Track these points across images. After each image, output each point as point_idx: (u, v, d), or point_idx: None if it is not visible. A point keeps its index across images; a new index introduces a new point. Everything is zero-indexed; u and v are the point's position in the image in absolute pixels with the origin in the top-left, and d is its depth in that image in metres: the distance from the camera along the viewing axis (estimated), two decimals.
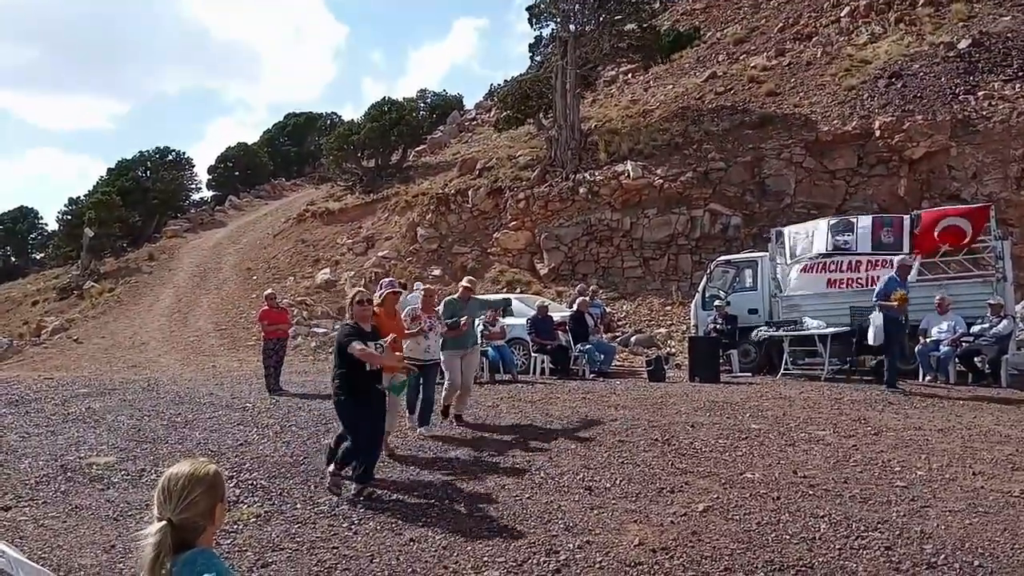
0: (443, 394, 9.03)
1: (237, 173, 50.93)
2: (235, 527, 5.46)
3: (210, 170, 52.43)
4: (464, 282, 9.76)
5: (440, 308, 9.12)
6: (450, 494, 6.12)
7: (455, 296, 9.45)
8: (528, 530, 5.24)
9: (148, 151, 48.95)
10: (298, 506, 5.92)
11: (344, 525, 5.46)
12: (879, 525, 5.03)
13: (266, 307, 12.92)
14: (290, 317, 14.78)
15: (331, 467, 6.31)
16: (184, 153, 49.74)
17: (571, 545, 4.91)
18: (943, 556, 4.49)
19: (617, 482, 6.24)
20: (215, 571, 2.18)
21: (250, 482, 6.60)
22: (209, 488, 2.29)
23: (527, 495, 6.01)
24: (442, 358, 8.78)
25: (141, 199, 42.02)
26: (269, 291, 13.98)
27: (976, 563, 4.38)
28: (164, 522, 2.23)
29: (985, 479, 6.01)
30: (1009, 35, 22.16)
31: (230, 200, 43.94)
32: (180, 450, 7.97)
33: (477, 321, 11.49)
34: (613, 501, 5.77)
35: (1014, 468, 6.31)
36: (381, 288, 7.63)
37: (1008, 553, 4.51)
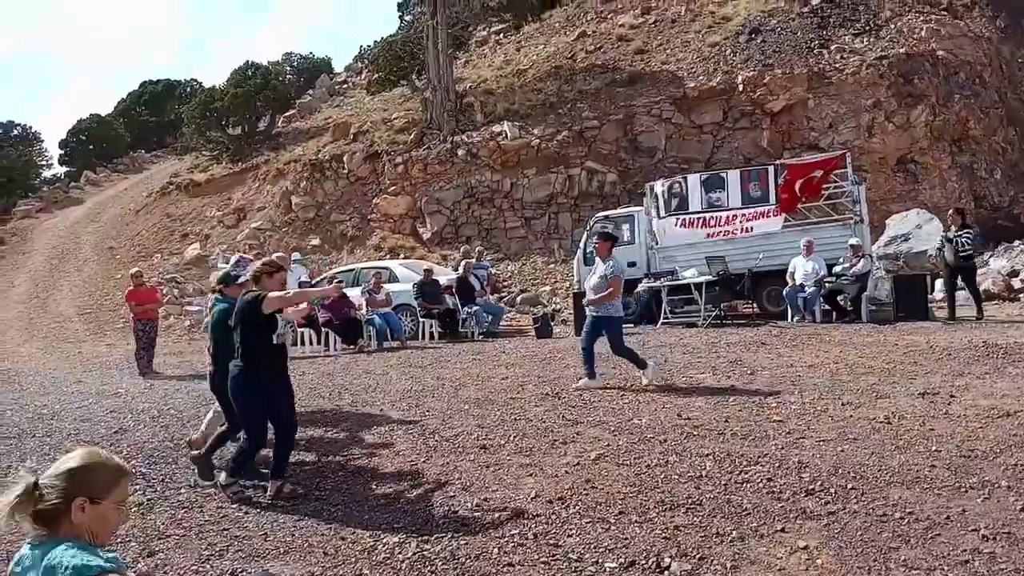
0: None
1: (92, 147, 47.57)
2: None
3: (62, 144, 48.76)
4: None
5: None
6: (343, 466, 5.99)
7: None
8: (426, 493, 5.20)
9: None
10: (182, 491, 5.65)
11: (233, 507, 5.25)
12: (760, 459, 5.28)
13: (132, 287, 12.19)
14: (160, 296, 14.03)
15: (223, 476, 5.52)
16: (31, 127, 46.18)
17: (469, 504, 4.91)
18: (819, 483, 4.76)
19: (511, 438, 6.28)
20: (77, 560, 2.02)
21: None
22: (71, 478, 2.14)
23: (423, 459, 5.97)
24: None
25: None
26: (135, 269, 13.21)
27: (849, 486, 4.67)
28: (33, 479, 2.09)
29: (853, 408, 6.42)
30: None
31: (86, 175, 41.03)
32: (49, 443, 7.45)
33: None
34: (508, 457, 5.81)
35: (878, 396, 6.77)
36: (242, 264, 7.05)
37: (876, 475, 4.83)
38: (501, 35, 32.95)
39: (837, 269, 12.62)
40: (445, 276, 15.05)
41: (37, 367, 13.65)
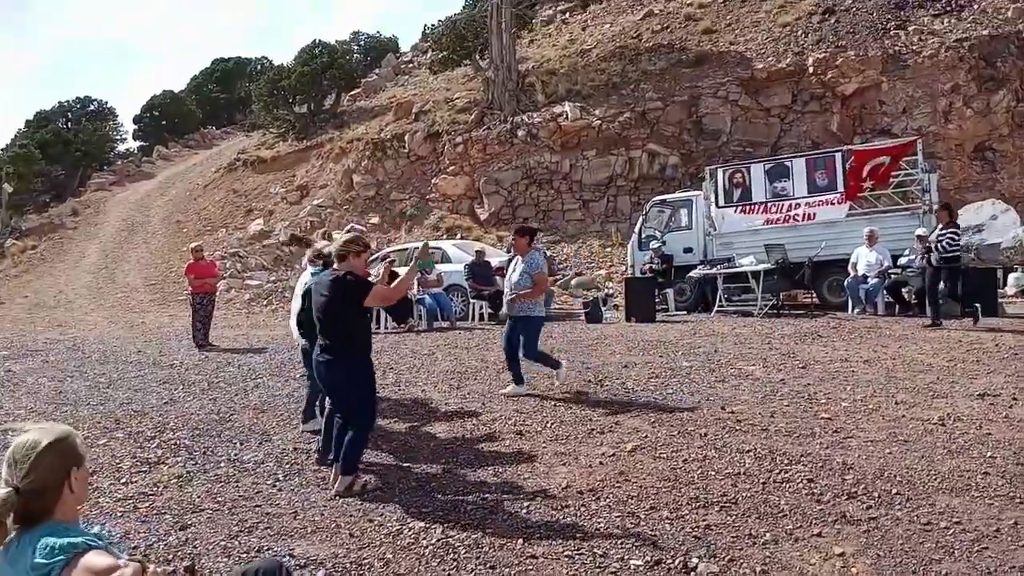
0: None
1: (164, 122, 49.04)
2: (154, 489, 5.27)
3: (135, 120, 50.49)
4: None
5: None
6: (378, 444, 6.00)
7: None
8: (456, 479, 5.17)
9: (68, 101, 46.94)
10: (222, 465, 5.74)
11: (268, 482, 5.31)
12: (802, 458, 5.09)
13: (192, 260, 12.47)
14: (219, 270, 14.33)
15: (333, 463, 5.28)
16: (107, 103, 47.89)
17: (500, 491, 4.86)
18: (863, 486, 4.56)
19: (548, 425, 6.20)
20: (64, 538, 2.02)
21: (173, 442, 6.38)
22: (58, 454, 2.12)
23: (458, 443, 5.94)
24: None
25: (63, 152, 40.25)
26: (195, 244, 13.48)
27: (894, 491, 4.46)
28: (10, 489, 2.06)
29: (906, 408, 6.14)
30: None
31: (158, 151, 42.33)
32: (102, 411, 7.68)
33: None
34: (543, 445, 5.74)
35: (934, 396, 6.47)
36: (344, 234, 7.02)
37: (924, 480, 4.60)
38: (567, 15, 32.57)
39: (902, 261, 12.11)
40: (497, 258, 14.98)
41: (101, 335, 14.12)
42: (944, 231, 10.42)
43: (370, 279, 5.51)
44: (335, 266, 5.23)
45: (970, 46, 19.19)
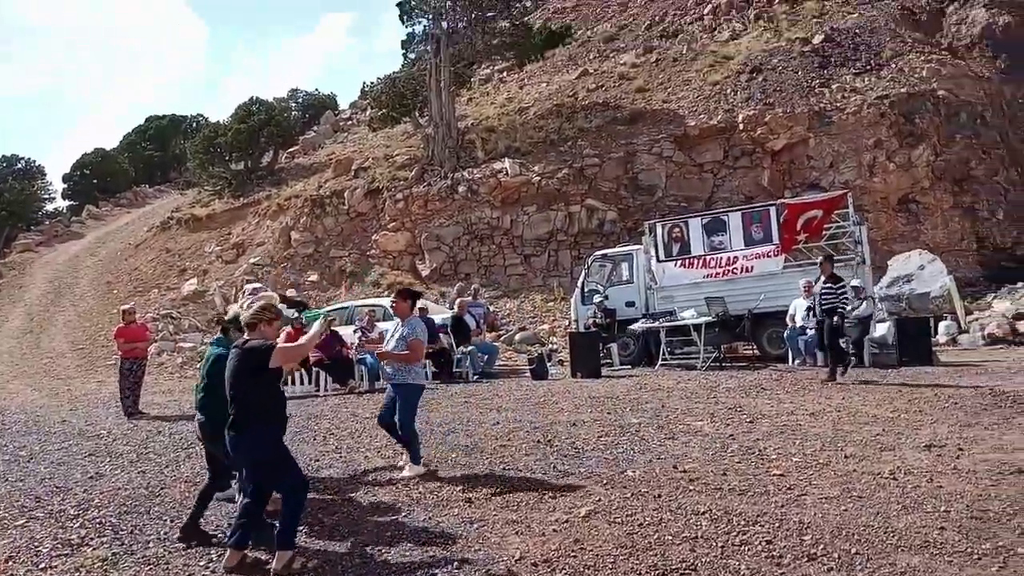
0: None
1: (95, 181, 47.86)
2: (76, 575, 4.88)
3: (65, 178, 49.19)
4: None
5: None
6: (318, 516, 5.71)
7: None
8: (404, 551, 4.91)
9: None
10: (151, 545, 5.36)
11: (201, 563, 4.96)
12: (759, 518, 4.99)
13: (123, 323, 11.94)
14: (151, 333, 13.75)
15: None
16: (35, 161, 46.52)
17: (449, 566, 4.62)
18: (822, 546, 4.47)
19: (498, 491, 5.99)
20: None
21: (98, 520, 5.96)
22: None
23: (403, 513, 5.68)
24: None
25: None
26: (126, 306, 12.96)
27: (854, 551, 4.38)
28: None
29: (857, 462, 6.13)
30: (857, 31, 23.53)
31: (88, 210, 41.11)
32: (21, 488, 7.18)
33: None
34: (494, 512, 5.53)
35: (882, 448, 6.48)
36: (246, 296, 6.71)
37: (882, 538, 4.54)
38: (504, 74, 33.11)
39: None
40: (440, 316, 14.76)
41: (23, 404, 13.39)
42: (826, 285, 10.63)
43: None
44: (245, 335, 4.98)
45: (890, 103, 20.10)
